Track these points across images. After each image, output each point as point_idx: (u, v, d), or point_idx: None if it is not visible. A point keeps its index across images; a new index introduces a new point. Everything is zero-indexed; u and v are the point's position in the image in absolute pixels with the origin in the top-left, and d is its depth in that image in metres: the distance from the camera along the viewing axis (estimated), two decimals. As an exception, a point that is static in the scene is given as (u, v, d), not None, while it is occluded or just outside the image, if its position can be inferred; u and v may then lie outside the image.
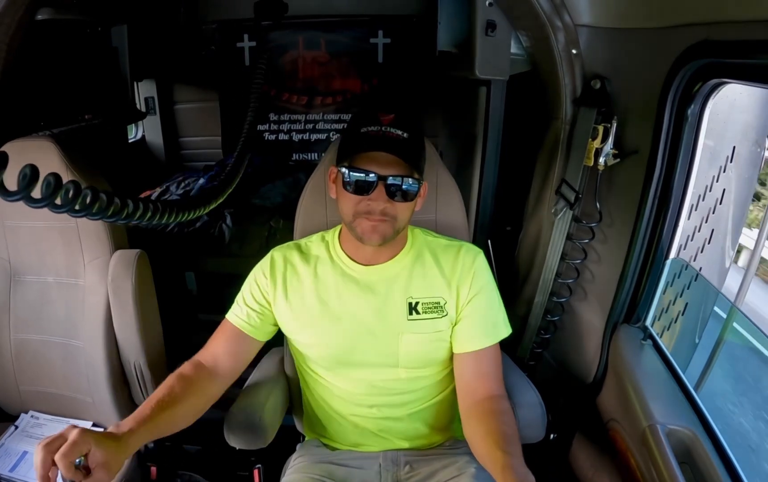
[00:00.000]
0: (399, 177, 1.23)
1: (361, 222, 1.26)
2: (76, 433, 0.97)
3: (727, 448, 1.18)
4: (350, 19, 3.00)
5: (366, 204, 1.24)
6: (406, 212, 1.28)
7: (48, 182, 0.78)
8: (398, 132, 1.22)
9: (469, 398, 1.31)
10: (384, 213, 1.24)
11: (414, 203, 1.30)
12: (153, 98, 3.17)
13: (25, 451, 1.63)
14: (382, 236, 1.26)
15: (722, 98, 1.29)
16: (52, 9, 1.70)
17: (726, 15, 1.04)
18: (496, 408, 1.26)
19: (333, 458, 1.45)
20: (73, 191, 0.83)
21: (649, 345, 1.49)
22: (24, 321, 1.70)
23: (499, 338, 1.36)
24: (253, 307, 1.38)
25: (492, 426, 1.20)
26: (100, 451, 0.99)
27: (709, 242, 1.59)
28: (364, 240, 1.28)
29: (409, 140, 1.22)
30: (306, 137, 3.22)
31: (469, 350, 1.34)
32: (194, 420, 1.28)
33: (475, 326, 1.35)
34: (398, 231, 1.29)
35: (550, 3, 1.51)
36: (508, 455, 1.09)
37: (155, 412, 1.16)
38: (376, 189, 1.22)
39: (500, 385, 1.34)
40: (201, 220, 2.69)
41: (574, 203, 1.61)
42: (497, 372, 1.35)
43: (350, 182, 1.24)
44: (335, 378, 1.42)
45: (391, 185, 1.22)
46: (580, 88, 1.61)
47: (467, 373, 1.34)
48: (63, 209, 0.84)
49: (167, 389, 1.23)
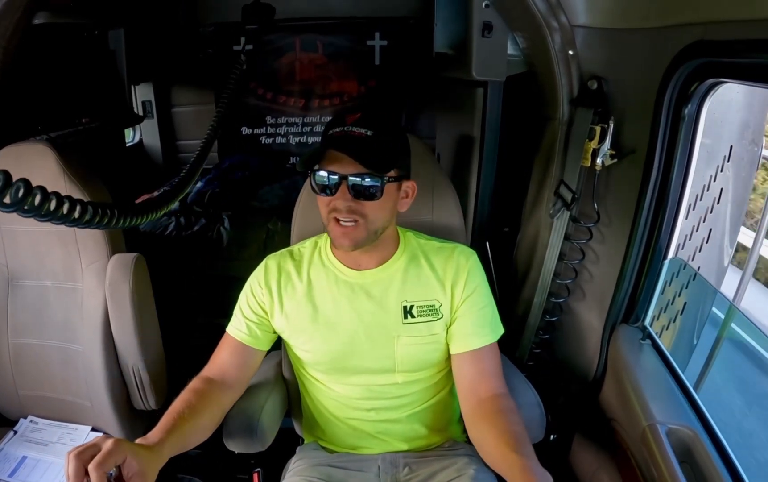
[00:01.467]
0: (360, 175, 1.20)
1: (334, 227, 1.25)
2: (110, 443, 0.95)
3: (728, 447, 1.18)
4: (347, 22, 3.01)
5: (333, 204, 1.23)
6: (378, 212, 1.25)
7: (17, 187, 0.78)
8: (361, 130, 1.20)
9: (473, 398, 1.30)
10: (351, 212, 1.22)
11: (387, 203, 1.27)
12: (150, 102, 3.17)
13: (24, 456, 1.63)
14: (353, 241, 1.25)
15: (719, 98, 1.29)
16: (49, 12, 1.70)
17: (722, 14, 1.05)
18: (501, 406, 1.25)
19: (332, 461, 1.45)
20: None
21: (648, 345, 1.49)
22: (22, 326, 1.69)
23: (497, 336, 1.36)
24: (251, 318, 1.38)
25: (502, 427, 1.18)
26: (136, 461, 0.98)
27: (707, 242, 1.59)
28: (336, 245, 1.28)
29: (372, 138, 1.20)
30: (303, 140, 3.23)
31: (468, 349, 1.33)
32: (212, 431, 1.28)
33: (472, 324, 1.34)
34: (375, 233, 1.27)
35: (547, 4, 1.52)
36: (523, 457, 1.07)
37: (179, 423, 1.16)
38: (340, 189, 1.21)
39: (502, 383, 1.33)
40: (199, 223, 2.69)
41: (572, 203, 1.61)
42: (498, 369, 1.34)
43: (315, 184, 1.24)
44: (332, 382, 1.42)
45: (353, 184, 1.21)
46: (577, 89, 1.61)
47: (468, 373, 1.33)
48: (29, 214, 0.84)
49: (184, 402, 1.22)
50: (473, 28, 1.76)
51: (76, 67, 2.15)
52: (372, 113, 1.25)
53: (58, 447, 1.65)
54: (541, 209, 1.83)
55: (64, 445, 1.66)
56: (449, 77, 2.29)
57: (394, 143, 1.29)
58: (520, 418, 1.23)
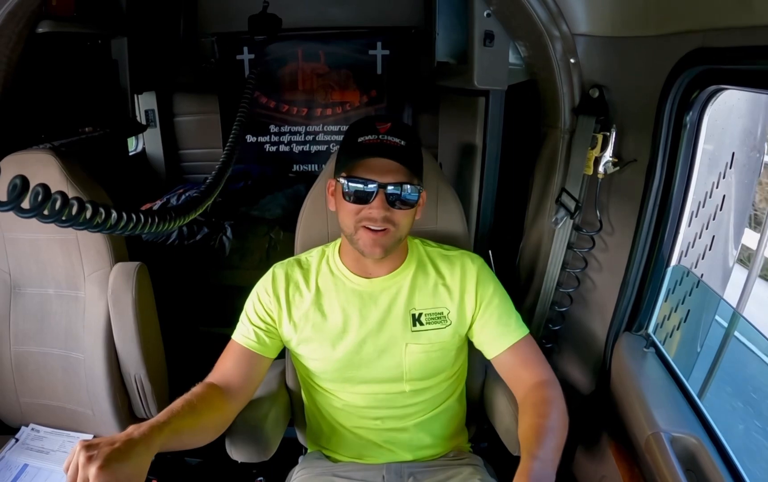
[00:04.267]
0: (399, 184, 1.22)
1: (362, 235, 1.25)
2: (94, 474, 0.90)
3: (732, 455, 1.17)
4: (349, 31, 3.02)
5: (367, 213, 1.23)
6: (406, 220, 1.27)
7: (36, 193, 0.78)
8: (396, 140, 1.22)
9: (521, 389, 1.31)
10: (385, 221, 1.23)
11: (414, 211, 1.29)
12: (153, 111, 3.18)
13: (25, 464, 1.62)
14: (383, 249, 1.26)
15: (720, 104, 1.30)
16: (52, 22, 1.71)
17: (722, 22, 1.05)
18: (539, 397, 1.25)
19: (336, 470, 1.44)
20: (61, 201, 0.83)
21: (651, 353, 1.48)
22: (24, 333, 1.70)
23: (526, 329, 1.37)
24: (258, 325, 1.36)
25: (528, 422, 1.19)
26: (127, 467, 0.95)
27: (710, 249, 1.58)
28: (366, 253, 1.27)
29: (407, 147, 1.23)
30: (306, 149, 3.23)
31: (504, 348, 1.34)
32: (211, 436, 1.25)
33: (501, 324, 1.36)
34: (399, 240, 1.29)
35: (548, 13, 1.52)
36: (530, 458, 1.07)
37: (174, 419, 1.10)
38: (377, 198, 1.22)
39: (547, 369, 1.34)
40: (201, 232, 2.69)
41: (575, 212, 1.61)
42: (539, 357, 1.36)
43: (350, 192, 1.24)
44: (339, 391, 1.41)
45: (391, 193, 1.22)
46: (579, 97, 1.62)
47: (511, 367, 1.35)
48: (50, 219, 0.84)
49: (183, 401, 1.18)
50: (475, 37, 1.77)
51: (79, 76, 2.16)
52: (399, 123, 1.27)
53: (60, 455, 1.65)
54: (543, 217, 1.82)
55: (65, 453, 1.65)
56: (451, 86, 2.30)
57: (420, 153, 1.32)
58: (553, 408, 1.22)
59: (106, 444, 0.94)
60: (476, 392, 1.61)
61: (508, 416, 1.42)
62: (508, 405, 1.42)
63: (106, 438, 0.96)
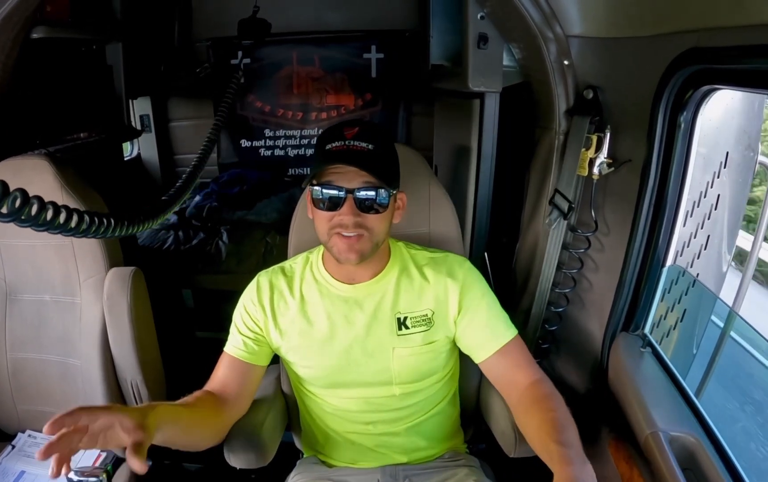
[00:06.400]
0: (367, 189, 1.22)
1: (336, 241, 1.25)
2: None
3: (731, 453, 1.17)
4: (343, 35, 3.03)
5: (338, 219, 1.22)
6: (380, 224, 1.26)
7: (14, 197, 0.79)
8: (363, 144, 1.21)
9: (514, 391, 1.30)
10: (357, 226, 1.22)
11: (389, 215, 1.28)
12: (148, 116, 3.18)
13: (22, 471, 1.61)
14: (359, 254, 1.25)
15: (715, 104, 1.30)
16: (47, 27, 1.71)
17: (716, 21, 1.05)
18: (539, 393, 1.25)
19: (331, 475, 1.44)
20: (37, 206, 0.84)
21: (648, 353, 1.49)
22: (21, 340, 1.69)
23: (514, 331, 1.36)
24: (247, 335, 1.37)
25: (540, 416, 1.18)
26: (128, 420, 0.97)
27: (706, 248, 1.59)
28: (341, 260, 1.27)
29: (374, 152, 1.21)
30: (301, 153, 3.24)
31: (494, 351, 1.33)
32: (210, 441, 1.26)
33: (488, 328, 1.35)
34: (377, 245, 1.28)
35: (541, 14, 1.53)
36: (561, 446, 1.06)
37: (170, 414, 1.11)
38: (346, 203, 1.21)
39: (536, 368, 1.33)
40: (197, 237, 2.69)
41: (568, 213, 1.62)
42: (527, 358, 1.34)
43: (320, 199, 1.24)
44: (330, 396, 1.41)
45: (360, 197, 1.21)
46: (573, 99, 1.62)
47: (501, 371, 1.34)
48: (27, 223, 0.85)
49: (180, 401, 1.20)
50: (469, 39, 1.77)
51: (74, 81, 2.16)
52: (368, 126, 1.26)
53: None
54: (539, 218, 1.83)
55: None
56: (446, 89, 2.30)
57: (393, 156, 1.31)
58: (558, 402, 1.22)
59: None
60: (472, 394, 1.61)
61: (503, 418, 1.41)
62: (503, 407, 1.41)
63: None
